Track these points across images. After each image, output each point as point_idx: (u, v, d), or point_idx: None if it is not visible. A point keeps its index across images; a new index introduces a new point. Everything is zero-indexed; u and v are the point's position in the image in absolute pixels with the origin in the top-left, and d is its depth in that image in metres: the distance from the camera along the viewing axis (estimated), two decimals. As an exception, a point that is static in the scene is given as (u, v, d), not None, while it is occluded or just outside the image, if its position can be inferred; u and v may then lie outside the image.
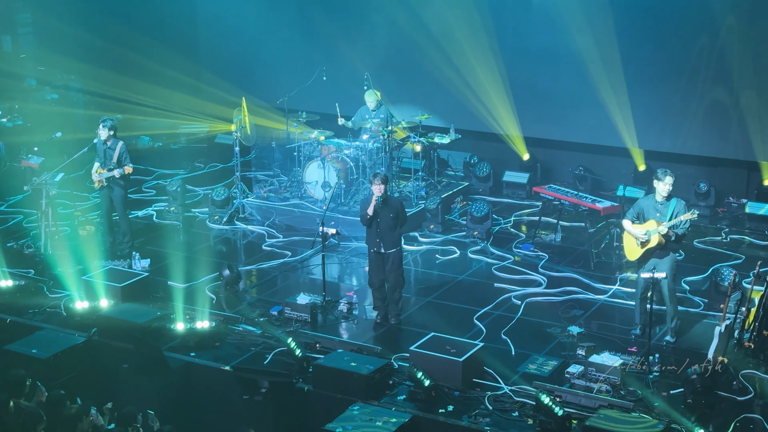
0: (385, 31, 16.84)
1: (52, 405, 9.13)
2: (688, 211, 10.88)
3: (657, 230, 10.80)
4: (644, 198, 11.35)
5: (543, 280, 12.87)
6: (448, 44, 16.34)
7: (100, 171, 13.67)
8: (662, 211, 10.94)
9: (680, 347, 11.09)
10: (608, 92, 15.43)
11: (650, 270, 10.81)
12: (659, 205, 10.98)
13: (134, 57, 19.06)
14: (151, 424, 9.21)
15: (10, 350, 11.15)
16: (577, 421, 9.49)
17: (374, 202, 11.52)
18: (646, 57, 15.29)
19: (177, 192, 15.43)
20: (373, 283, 11.87)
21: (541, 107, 16.18)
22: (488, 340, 11.20)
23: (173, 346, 11.24)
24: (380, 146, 14.94)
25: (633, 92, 15.36)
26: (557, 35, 15.60)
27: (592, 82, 15.49)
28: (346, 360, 10.40)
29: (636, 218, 11.10)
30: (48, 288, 12.77)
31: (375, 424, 9.49)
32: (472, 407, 9.89)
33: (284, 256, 13.91)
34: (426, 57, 16.54)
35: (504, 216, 15.19)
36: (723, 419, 9.59)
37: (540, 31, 15.84)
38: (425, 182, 15.52)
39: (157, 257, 13.78)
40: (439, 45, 16.40)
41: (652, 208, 11.02)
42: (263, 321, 11.81)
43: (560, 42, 15.59)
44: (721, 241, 14.13)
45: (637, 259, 11.13)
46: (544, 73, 15.90)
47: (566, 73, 15.74)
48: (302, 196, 15.26)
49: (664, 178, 10.91)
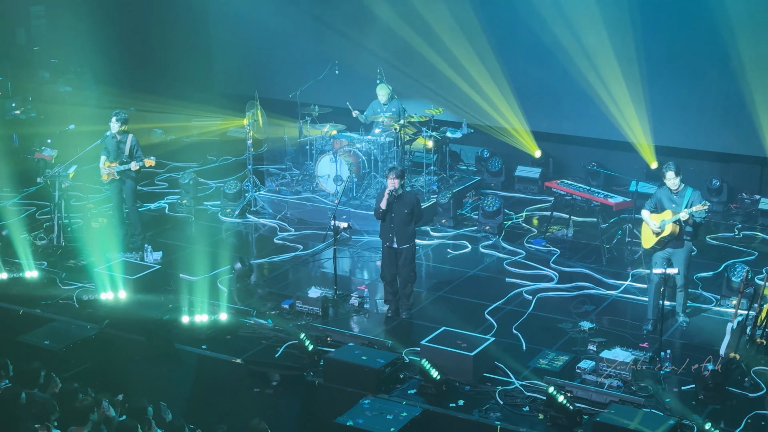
0: (397, 25, 16.81)
1: (64, 396, 9.17)
2: (702, 200, 10.95)
3: (677, 217, 10.87)
4: (660, 188, 11.40)
5: (554, 275, 12.85)
6: (460, 38, 16.31)
7: (108, 164, 13.70)
8: (677, 201, 11.05)
9: (691, 343, 11.07)
10: (621, 87, 15.38)
11: (662, 266, 10.85)
12: (674, 195, 11.08)
13: (147, 49, 19.11)
14: (162, 416, 9.24)
15: (22, 341, 11.20)
16: (587, 417, 9.48)
17: (386, 196, 11.51)
18: (659, 53, 15.22)
19: (189, 185, 15.47)
20: (385, 277, 11.87)
21: (553, 102, 16.14)
22: (499, 335, 11.20)
23: (185, 339, 11.27)
24: (392, 140, 14.93)
25: (646, 88, 15.29)
26: (571, 30, 15.53)
27: (606, 78, 15.43)
28: (357, 354, 10.41)
29: (654, 208, 11.23)
30: (60, 280, 12.82)
31: (385, 417, 9.50)
32: (482, 402, 9.89)
33: (296, 249, 13.93)
34: (438, 51, 16.50)
35: (516, 211, 15.17)
36: (734, 416, 9.56)
37: (554, 25, 15.78)
38: (437, 177, 15.52)
39: (169, 250, 13.82)
40: (452, 39, 16.36)
41: (667, 198, 11.15)
42: (274, 314, 11.83)
43: (574, 37, 15.53)
44: (733, 237, 14.09)
45: (651, 247, 11.26)
46: (557, 67, 15.84)
47: (579, 68, 15.67)
48: (314, 189, 15.27)
49: (666, 173, 11.07)
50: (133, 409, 8.97)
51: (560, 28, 15.71)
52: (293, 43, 17.92)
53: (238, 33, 18.59)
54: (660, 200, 11.20)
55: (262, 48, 18.29)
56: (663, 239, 11.08)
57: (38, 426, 8.57)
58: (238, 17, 18.46)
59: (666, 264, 11.01)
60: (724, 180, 15.13)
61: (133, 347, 11.07)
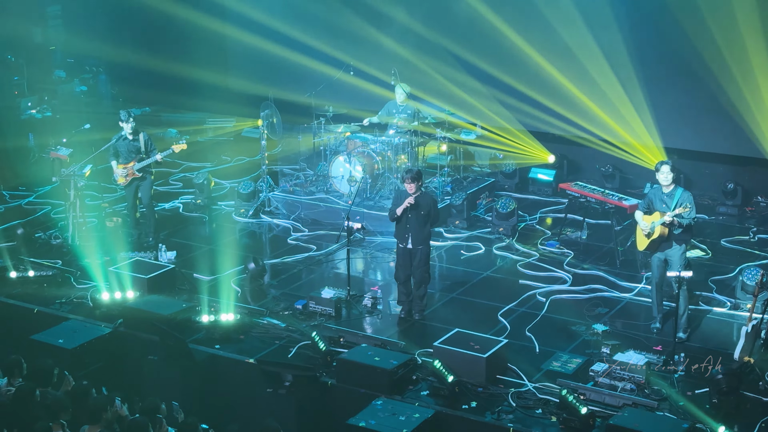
0: (412, 26, 16.81)
1: (77, 394, 9.21)
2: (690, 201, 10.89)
3: (662, 220, 10.84)
4: (652, 189, 11.38)
5: (568, 278, 12.82)
6: (474, 39, 16.31)
7: (122, 167, 13.72)
8: (667, 202, 11.01)
9: (705, 347, 11.02)
10: (635, 90, 15.34)
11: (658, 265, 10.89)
12: (665, 195, 11.05)
13: (163, 50, 19.16)
14: (175, 416, 9.26)
15: (36, 340, 11.25)
16: (600, 420, 9.45)
17: (406, 204, 11.45)
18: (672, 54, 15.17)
19: (203, 185, 15.50)
20: (398, 277, 11.86)
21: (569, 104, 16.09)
22: (512, 337, 11.18)
23: (198, 338, 11.30)
24: (406, 141, 14.94)
25: (660, 90, 15.25)
26: (586, 31, 15.50)
27: (621, 80, 15.39)
28: (370, 354, 10.41)
29: (647, 209, 11.20)
30: (75, 279, 12.87)
31: (398, 418, 9.49)
32: (495, 404, 9.88)
33: (309, 250, 13.94)
34: (453, 53, 16.49)
35: (530, 213, 15.14)
36: (749, 420, 9.51)
37: (569, 26, 15.75)
38: (451, 178, 15.51)
39: (182, 249, 13.86)
40: (466, 40, 16.36)
41: (658, 199, 11.12)
42: (288, 314, 11.84)
43: (589, 38, 15.50)
44: (749, 241, 14.02)
45: (644, 250, 11.26)
46: (571, 69, 15.82)
47: (593, 70, 15.64)
48: (328, 190, 15.29)
49: (660, 167, 11.05)
50: (145, 408, 8.99)
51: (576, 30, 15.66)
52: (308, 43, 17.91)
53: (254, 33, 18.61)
54: (651, 201, 11.18)
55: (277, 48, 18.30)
56: (654, 241, 11.04)
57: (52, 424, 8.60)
58: (254, 17, 18.48)
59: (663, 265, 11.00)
60: (738, 183, 15.05)
61: (147, 347, 11.10)
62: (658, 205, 11.08)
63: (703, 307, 11.72)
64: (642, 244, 11.27)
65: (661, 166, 11.06)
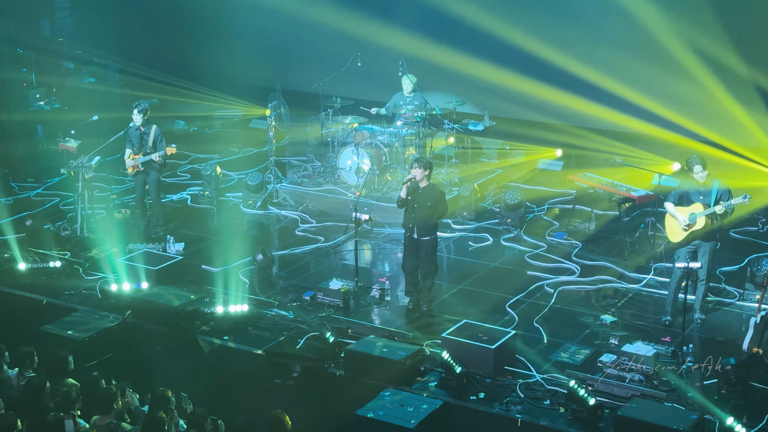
0: (419, 17, 16.78)
1: (87, 385, 9.24)
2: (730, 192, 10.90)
3: (711, 210, 10.79)
4: (685, 182, 11.31)
5: (576, 269, 12.81)
6: (483, 29, 16.26)
7: (133, 156, 13.78)
8: (705, 194, 10.97)
9: (714, 338, 11.01)
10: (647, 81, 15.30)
11: (686, 259, 10.79)
12: (701, 187, 11.00)
13: (171, 41, 19.15)
14: (184, 407, 9.29)
15: (45, 331, 11.29)
16: (609, 411, 9.45)
17: (407, 185, 11.51)
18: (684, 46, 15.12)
19: (211, 176, 15.51)
20: (405, 267, 11.86)
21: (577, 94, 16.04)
22: (520, 328, 11.18)
23: (206, 330, 11.32)
24: (414, 132, 14.92)
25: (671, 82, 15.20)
26: (595, 21, 15.47)
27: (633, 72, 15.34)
28: (378, 346, 10.41)
29: (678, 202, 11.12)
30: (84, 270, 12.90)
31: (406, 409, 9.51)
32: (503, 395, 9.88)
33: (317, 241, 13.95)
34: (461, 43, 16.46)
35: (538, 204, 15.11)
36: (757, 411, 9.50)
37: (577, 16, 15.71)
38: (459, 169, 15.48)
39: (191, 241, 13.87)
40: (474, 30, 16.32)
41: (694, 191, 11.05)
42: (296, 306, 11.85)
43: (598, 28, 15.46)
44: (757, 231, 13.98)
45: (680, 241, 11.14)
46: (581, 59, 15.76)
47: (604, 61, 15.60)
48: (336, 181, 15.29)
49: (693, 167, 10.97)
50: (155, 399, 9.02)
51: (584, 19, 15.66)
52: (316, 34, 17.91)
53: (262, 24, 18.61)
54: (687, 193, 11.09)
55: (285, 39, 18.30)
56: (694, 233, 11.00)
57: (63, 414, 8.64)
58: (262, 8, 18.46)
59: (689, 257, 10.94)
60: (747, 173, 15.00)
61: (155, 338, 11.13)
62: (695, 197, 11.02)
63: (710, 298, 11.70)
64: (677, 235, 11.14)
65: (693, 165, 10.95)
